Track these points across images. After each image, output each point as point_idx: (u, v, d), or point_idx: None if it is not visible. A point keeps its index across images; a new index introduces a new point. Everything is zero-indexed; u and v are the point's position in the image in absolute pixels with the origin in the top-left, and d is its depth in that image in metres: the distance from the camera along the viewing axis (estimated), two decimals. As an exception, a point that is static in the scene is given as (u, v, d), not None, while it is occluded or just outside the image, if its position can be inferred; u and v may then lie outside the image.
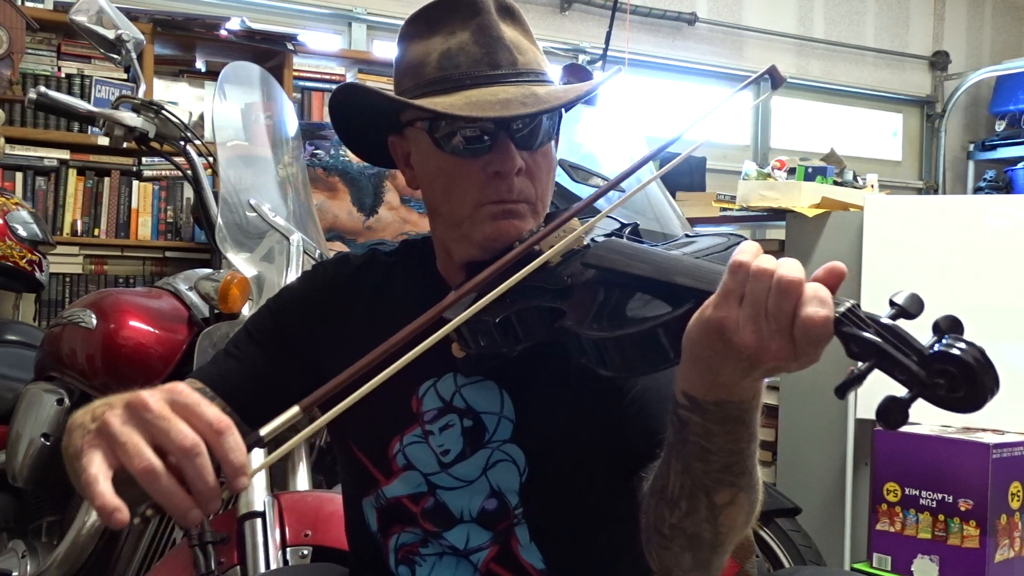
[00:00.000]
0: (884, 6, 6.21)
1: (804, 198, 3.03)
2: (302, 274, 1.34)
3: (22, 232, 2.91)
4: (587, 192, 2.04)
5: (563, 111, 1.13)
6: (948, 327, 0.71)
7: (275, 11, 4.40)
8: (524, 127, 1.07)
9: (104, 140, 3.27)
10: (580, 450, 1.10)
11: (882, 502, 2.56)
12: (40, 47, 3.60)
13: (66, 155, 3.63)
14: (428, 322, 0.89)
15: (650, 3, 5.27)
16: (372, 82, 4.15)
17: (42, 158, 3.59)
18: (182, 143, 2.05)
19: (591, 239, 1.02)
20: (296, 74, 4.00)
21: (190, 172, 2.06)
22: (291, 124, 2.24)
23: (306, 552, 1.59)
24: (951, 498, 2.44)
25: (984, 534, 2.39)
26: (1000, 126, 6.35)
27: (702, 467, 0.87)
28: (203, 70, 3.96)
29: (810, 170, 3.17)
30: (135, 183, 3.73)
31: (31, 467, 2.03)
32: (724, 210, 3.35)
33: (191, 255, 3.76)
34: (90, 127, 3.12)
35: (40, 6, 3.74)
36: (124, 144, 2.01)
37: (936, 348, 0.70)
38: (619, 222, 1.08)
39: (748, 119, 5.75)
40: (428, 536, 1.14)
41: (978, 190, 6.19)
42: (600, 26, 4.43)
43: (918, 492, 2.50)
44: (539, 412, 1.11)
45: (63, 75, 3.63)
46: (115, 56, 2.10)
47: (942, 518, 2.46)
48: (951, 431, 2.53)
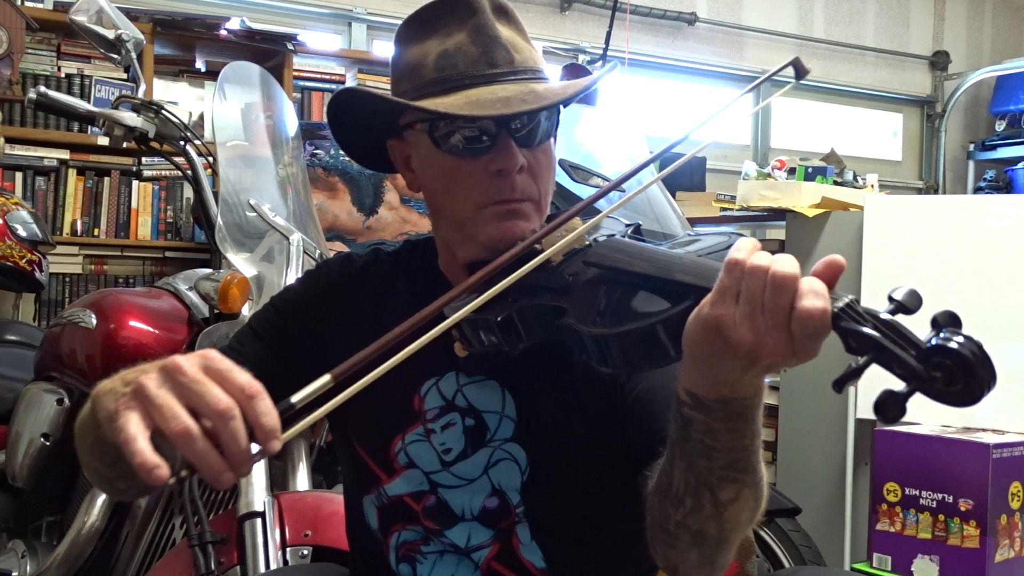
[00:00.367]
0: (884, 6, 6.21)
1: (804, 198, 3.03)
2: (305, 273, 1.34)
3: (22, 232, 2.90)
4: (587, 192, 2.04)
5: (562, 108, 1.13)
6: (946, 322, 0.72)
7: (275, 11, 4.40)
8: (524, 125, 1.07)
9: (104, 140, 3.27)
10: (581, 449, 1.10)
11: (882, 502, 2.56)
12: (40, 47, 3.60)
13: (66, 155, 3.62)
14: (431, 315, 0.89)
15: (650, 3, 5.27)
16: (372, 82, 4.15)
17: (42, 158, 3.58)
18: (182, 143, 2.04)
19: (593, 238, 1.02)
20: (296, 74, 3.99)
21: (190, 172, 2.05)
22: (291, 124, 2.24)
23: (306, 552, 1.59)
24: (951, 498, 2.44)
25: (984, 534, 2.39)
26: (1000, 126, 6.35)
27: (706, 464, 0.87)
28: (203, 70, 3.95)
29: (810, 170, 3.17)
30: (135, 183, 3.73)
31: (31, 467, 2.03)
32: (724, 210, 3.35)
33: (191, 255, 3.75)
34: (90, 127, 3.12)
35: (40, 6, 3.74)
36: (124, 144, 2.01)
37: (933, 342, 0.71)
38: (622, 222, 1.08)
39: (748, 119, 5.75)
40: (429, 534, 1.15)
41: (978, 190, 6.19)
42: (600, 26, 4.43)
43: (918, 492, 2.50)
44: (541, 411, 1.11)
45: (63, 75, 3.62)
46: (115, 56, 2.10)
47: (942, 518, 2.45)
48: (951, 431, 2.53)
